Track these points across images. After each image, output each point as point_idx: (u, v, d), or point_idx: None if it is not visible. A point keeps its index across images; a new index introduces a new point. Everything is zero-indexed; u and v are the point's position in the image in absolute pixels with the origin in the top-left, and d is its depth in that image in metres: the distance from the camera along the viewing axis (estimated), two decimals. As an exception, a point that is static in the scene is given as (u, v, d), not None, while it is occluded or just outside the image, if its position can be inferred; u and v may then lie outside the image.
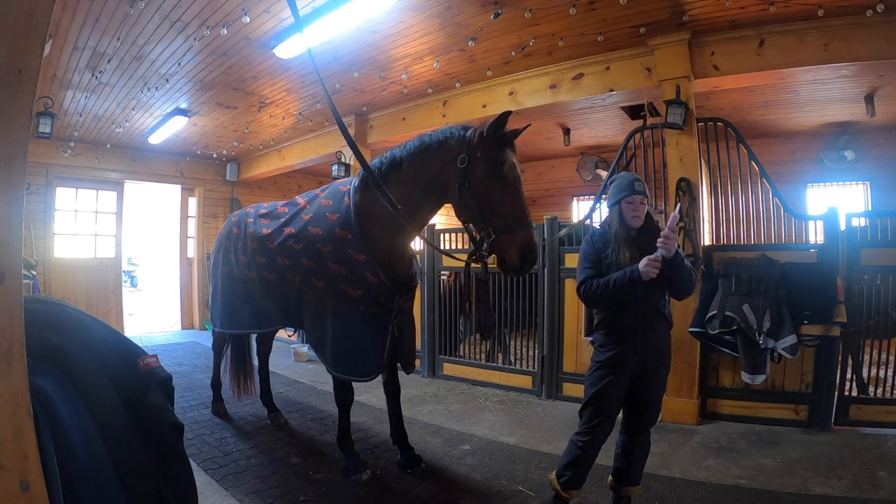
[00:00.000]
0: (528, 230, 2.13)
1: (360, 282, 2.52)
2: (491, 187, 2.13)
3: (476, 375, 4.71)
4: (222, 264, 3.41)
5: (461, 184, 2.17)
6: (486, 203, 2.14)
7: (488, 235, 2.13)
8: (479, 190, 2.15)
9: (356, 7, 3.26)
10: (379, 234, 2.51)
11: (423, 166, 2.36)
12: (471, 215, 2.22)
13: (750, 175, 3.96)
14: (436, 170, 2.31)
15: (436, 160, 2.31)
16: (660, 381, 2.19)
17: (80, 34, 3.74)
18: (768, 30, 3.48)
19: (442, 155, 2.29)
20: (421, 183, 2.37)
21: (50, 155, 6.47)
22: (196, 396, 4.24)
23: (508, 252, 2.12)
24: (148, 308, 10.52)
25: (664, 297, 2.15)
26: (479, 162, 2.15)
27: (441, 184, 2.30)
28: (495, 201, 2.13)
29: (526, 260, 2.11)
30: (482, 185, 2.14)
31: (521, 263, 2.11)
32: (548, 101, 4.44)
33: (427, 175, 2.35)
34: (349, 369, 2.61)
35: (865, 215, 3.70)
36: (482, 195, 2.15)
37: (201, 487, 2.30)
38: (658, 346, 2.15)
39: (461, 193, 2.19)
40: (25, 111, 0.98)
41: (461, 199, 2.21)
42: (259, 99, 5.36)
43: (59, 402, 1.13)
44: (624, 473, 2.20)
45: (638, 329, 2.10)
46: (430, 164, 2.33)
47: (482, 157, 2.15)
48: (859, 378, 3.38)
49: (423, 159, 2.36)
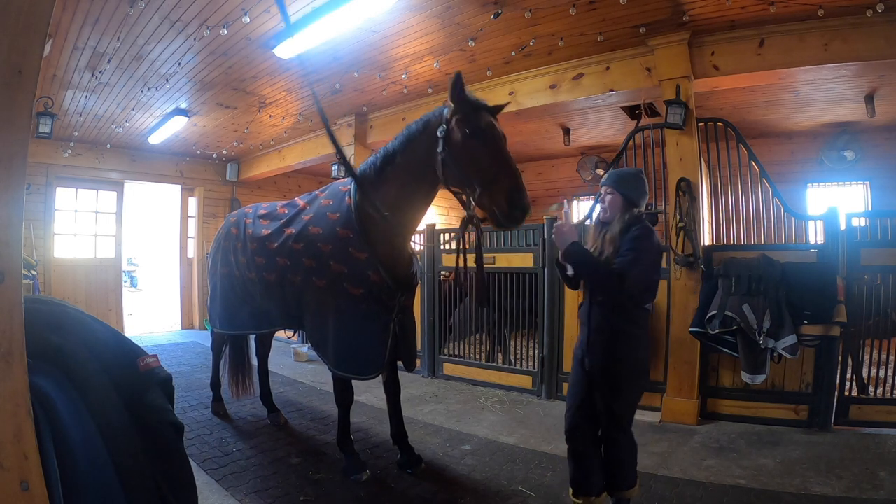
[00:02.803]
0: (513, 177, 2.07)
1: (361, 280, 2.53)
2: (469, 146, 2.13)
3: (476, 375, 4.71)
4: (221, 264, 3.40)
5: (442, 150, 2.19)
6: (466, 162, 2.14)
7: (473, 191, 2.10)
8: (457, 150, 2.16)
9: (356, 7, 3.26)
10: (380, 233, 2.52)
11: (414, 151, 2.38)
12: (456, 180, 2.21)
13: (750, 175, 3.96)
14: (423, 150, 2.33)
15: (422, 140, 2.34)
16: (607, 382, 2.04)
17: (80, 34, 3.74)
18: (768, 30, 3.48)
19: (427, 133, 2.32)
20: (414, 169, 2.39)
21: (50, 155, 6.47)
22: (196, 396, 4.24)
23: (495, 201, 2.05)
24: (148, 308, 10.52)
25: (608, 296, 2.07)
26: (454, 127, 2.18)
27: (430, 161, 2.30)
28: (475, 158, 2.12)
29: (514, 204, 2.03)
30: (460, 145, 2.15)
31: (511, 209, 2.03)
32: (548, 101, 4.44)
33: (417, 159, 2.36)
34: (352, 367, 2.62)
35: (865, 215, 3.69)
36: (461, 155, 2.15)
37: (201, 487, 2.30)
38: (589, 343, 2.07)
39: (444, 161, 2.20)
40: (25, 111, 0.98)
41: (445, 168, 2.21)
42: (259, 99, 5.36)
43: (59, 402, 1.12)
44: (611, 477, 2.12)
45: (581, 322, 2.11)
46: (419, 147, 2.35)
47: (457, 121, 2.18)
48: (859, 378, 3.38)
49: (412, 144, 2.39)
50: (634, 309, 2.03)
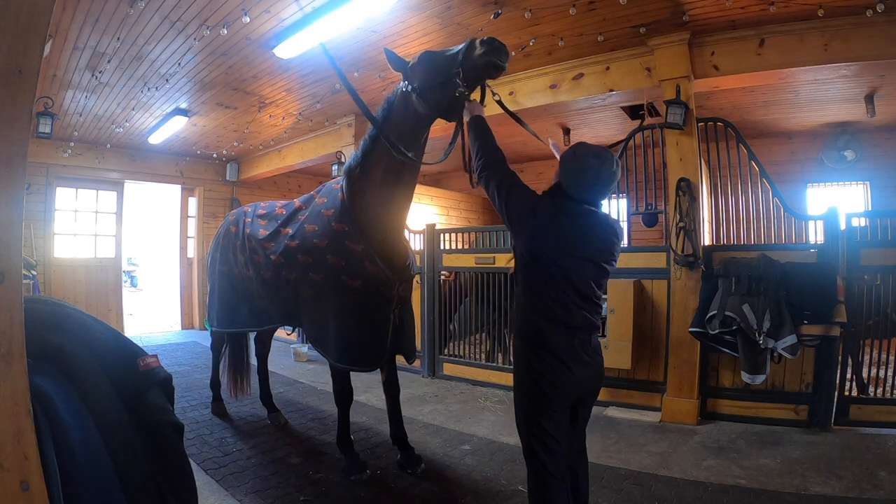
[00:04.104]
0: (470, 40, 2.04)
1: (359, 272, 2.57)
2: (428, 68, 2.22)
3: (476, 375, 4.71)
4: (220, 262, 3.43)
5: (415, 90, 2.28)
6: (435, 74, 2.18)
7: (457, 74, 2.06)
8: (424, 77, 2.23)
9: (356, 7, 3.26)
10: (373, 217, 2.56)
11: (397, 106, 2.44)
12: (438, 90, 2.20)
13: (750, 175, 3.96)
14: (402, 103, 2.39)
15: (397, 99, 2.42)
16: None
17: (80, 34, 3.74)
18: (768, 30, 3.48)
19: (397, 94, 2.44)
20: (404, 114, 2.42)
21: (50, 155, 6.46)
22: (196, 396, 4.24)
23: (474, 56, 1.99)
24: (148, 308, 10.52)
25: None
26: (410, 73, 2.31)
27: (410, 108, 2.36)
28: (438, 67, 2.16)
29: (486, 43, 1.95)
30: (422, 74, 2.25)
31: (488, 47, 1.94)
32: (548, 101, 4.44)
33: (403, 109, 2.40)
34: (353, 359, 2.64)
35: (865, 215, 3.69)
36: (429, 76, 2.21)
37: (201, 487, 2.30)
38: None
39: (422, 94, 2.26)
40: (25, 111, 0.98)
41: (421, 98, 2.26)
42: (259, 99, 5.36)
43: (59, 402, 1.13)
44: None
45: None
46: (399, 103, 2.42)
47: (410, 70, 2.32)
48: (859, 378, 3.38)
49: (393, 105, 2.46)
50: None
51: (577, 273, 1.75)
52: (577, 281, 1.75)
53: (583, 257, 1.76)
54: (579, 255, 1.75)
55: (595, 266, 1.78)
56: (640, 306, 3.81)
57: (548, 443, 1.75)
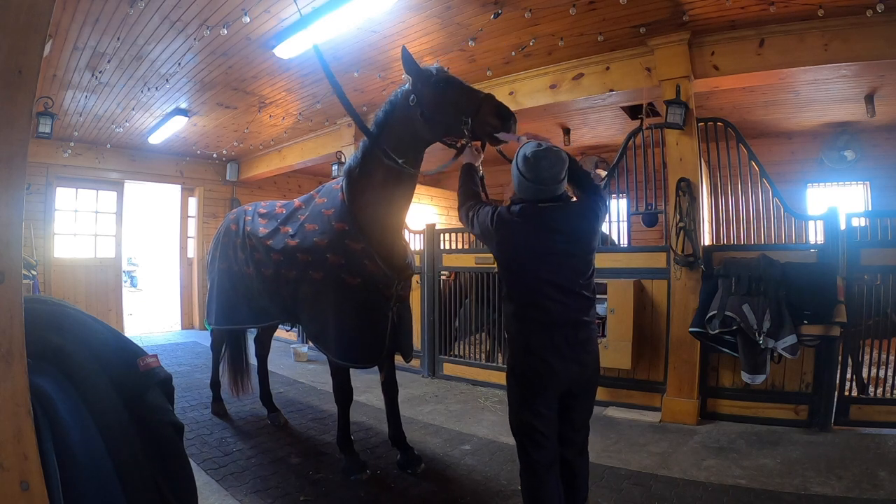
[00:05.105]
0: (490, 97, 2.19)
1: (359, 270, 2.59)
2: (441, 93, 2.28)
3: (476, 375, 4.71)
4: (220, 260, 3.45)
5: (420, 111, 2.35)
6: (445, 106, 2.27)
7: (465, 124, 2.19)
8: (433, 102, 2.30)
9: (356, 7, 3.26)
10: (372, 216, 2.59)
11: (398, 120, 2.50)
12: (443, 125, 2.33)
13: (750, 175, 3.96)
14: (403, 117, 2.46)
15: (400, 110, 2.48)
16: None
17: (80, 34, 3.74)
18: (768, 30, 3.48)
19: (400, 105, 2.49)
20: (402, 131, 2.50)
21: (50, 155, 6.46)
22: (196, 396, 4.24)
23: (487, 121, 2.14)
24: (148, 308, 10.52)
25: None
26: (421, 88, 2.35)
27: (412, 124, 2.43)
28: (451, 100, 2.25)
29: (502, 115, 2.11)
30: (433, 98, 2.30)
31: (504, 121, 2.12)
32: (548, 101, 4.44)
33: (403, 123, 2.48)
34: (353, 356, 2.67)
35: (865, 215, 3.68)
36: (439, 103, 2.29)
37: (201, 487, 2.30)
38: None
39: (426, 118, 2.34)
40: (25, 111, 0.98)
41: (429, 123, 2.35)
42: (259, 99, 5.36)
43: (59, 402, 1.13)
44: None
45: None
46: (399, 114, 2.48)
47: (421, 83, 2.35)
48: (859, 378, 3.38)
49: (395, 113, 2.52)
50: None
51: (547, 269, 1.80)
52: (550, 277, 1.80)
53: (548, 252, 1.80)
54: (544, 252, 1.80)
55: (567, 255, 1.81)
56: (640, 306, 3.81)
57: (535, 437, 1.81)
